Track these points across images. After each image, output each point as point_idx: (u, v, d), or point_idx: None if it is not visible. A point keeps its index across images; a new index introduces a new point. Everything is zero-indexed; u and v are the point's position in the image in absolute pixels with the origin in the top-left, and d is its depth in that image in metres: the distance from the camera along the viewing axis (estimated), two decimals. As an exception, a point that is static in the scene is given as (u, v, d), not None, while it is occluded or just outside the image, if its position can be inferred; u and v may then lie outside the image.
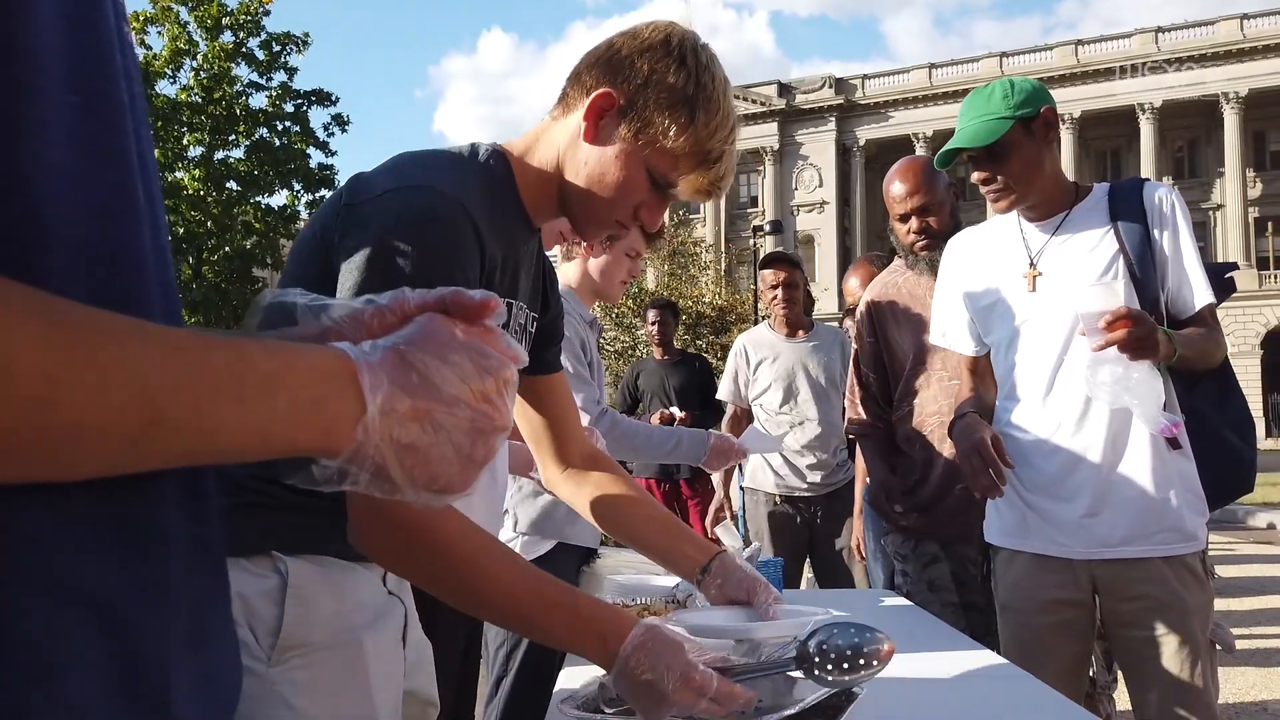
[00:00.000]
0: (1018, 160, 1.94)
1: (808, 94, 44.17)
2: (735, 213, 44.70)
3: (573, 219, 1.26)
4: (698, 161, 1.18)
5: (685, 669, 1.00)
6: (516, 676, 2.18)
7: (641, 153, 1.17)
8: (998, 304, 2.06)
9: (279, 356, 0.54)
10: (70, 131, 0.49)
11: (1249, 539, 10.35)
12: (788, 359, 3.84)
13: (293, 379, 0.53)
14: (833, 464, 3.80)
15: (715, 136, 1.17)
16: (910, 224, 2.58)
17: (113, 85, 0.54)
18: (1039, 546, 1.98)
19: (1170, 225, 1.94)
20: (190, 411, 0.48)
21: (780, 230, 20.92)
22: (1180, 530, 1.89)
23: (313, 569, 1.10)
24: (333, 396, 0.55)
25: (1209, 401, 1.96)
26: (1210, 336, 1.91)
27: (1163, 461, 1.89)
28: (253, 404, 0.51)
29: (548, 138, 1.24)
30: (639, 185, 1.19)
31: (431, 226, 1.07)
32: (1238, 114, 37.55)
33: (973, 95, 2.03)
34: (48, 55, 0.48)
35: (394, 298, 0.65)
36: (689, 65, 1.16)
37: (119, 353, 0.45)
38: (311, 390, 0.54)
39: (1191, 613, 1.87)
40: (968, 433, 1.95)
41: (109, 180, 0.53)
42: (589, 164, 1.19)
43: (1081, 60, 40.28)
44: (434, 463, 0.59)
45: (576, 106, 1.20)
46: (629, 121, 1.16)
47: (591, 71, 1.19)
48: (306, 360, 0.55)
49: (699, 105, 1.15)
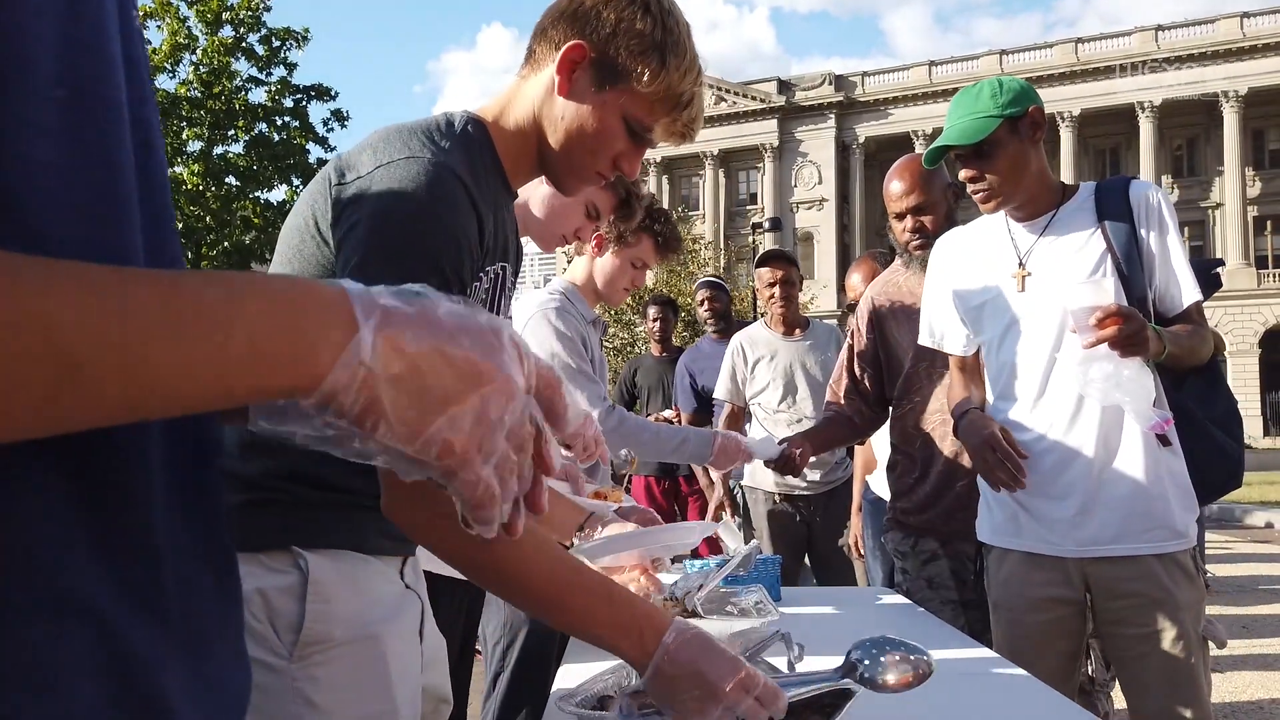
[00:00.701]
0: (1004, 159, 1.95)
1: (807, 91, 44.13)
2: (734, 210, 44.68)
3: (552, 174, 1.28)
4: (671, 105, 1.20)
5: (734, 663, 0.97)
6: (514, 671, 2.19)
7: (617, 101, 1.18)
8: (988, 304, 2.07)
9: (235, 286, 0.47)
10: (56, 126, 0.47)
11: (1247, 538, 10.37)
12: (785, 357, 3.84)
13: (252, 308, 0.46)
14: (830, 462, 3.80)
15: (686, 79, 1.19)
16: (906, 222, 2.58)
17: (104, 80, 0.51)
18: (1031, 545, 1.99)
19: (1156, 223, 1.95)
20: (112, 356, 0.41)
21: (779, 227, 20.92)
22: (1171, 528, 1.90)
23: (332, 564, 1.09)
24: (310, 325, 0.48)
25: (1196, 398, 1.98)
26: (1198, 333, 1.92)
27: (1154, 459, 1.90)
28: (193, 341, 0.44)
29: (521, 97, 1.24)
30: (617, 134, 1.21)
31: (428, 197, 1.07)
32: (1237, 112, 37.54)
33: (961, 94, 2.04)
34: (35, 45, 0.45)
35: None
36: (654, 11, 1.18)
37: (22, 298, 0.39)
38: (278, 320, 0.47)
39: (1183, 609, 1.88)
40: (976, 429, 1.96)
41: (96, 178, 0.49)
42: (565, 117, 1.20)
43: (1081, 58, 40.24)
44: (437, 402, 0.51)
45: (546, 62, 1.21)
46: (602, 71, 1.18)
47: (558, 26, 1.20)
48: (274, 288, 0.49)
49: (668, 50, 1.17)
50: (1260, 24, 37.82)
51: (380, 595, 1.15)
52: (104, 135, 0.50)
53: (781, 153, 43.87)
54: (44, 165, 0.46)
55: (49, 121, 0.46)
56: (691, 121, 1.24)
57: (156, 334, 0.43)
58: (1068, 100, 39.80)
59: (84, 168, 0.48)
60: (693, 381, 4.55)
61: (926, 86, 41.98)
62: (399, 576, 1.20)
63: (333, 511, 1.09)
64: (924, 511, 2.51)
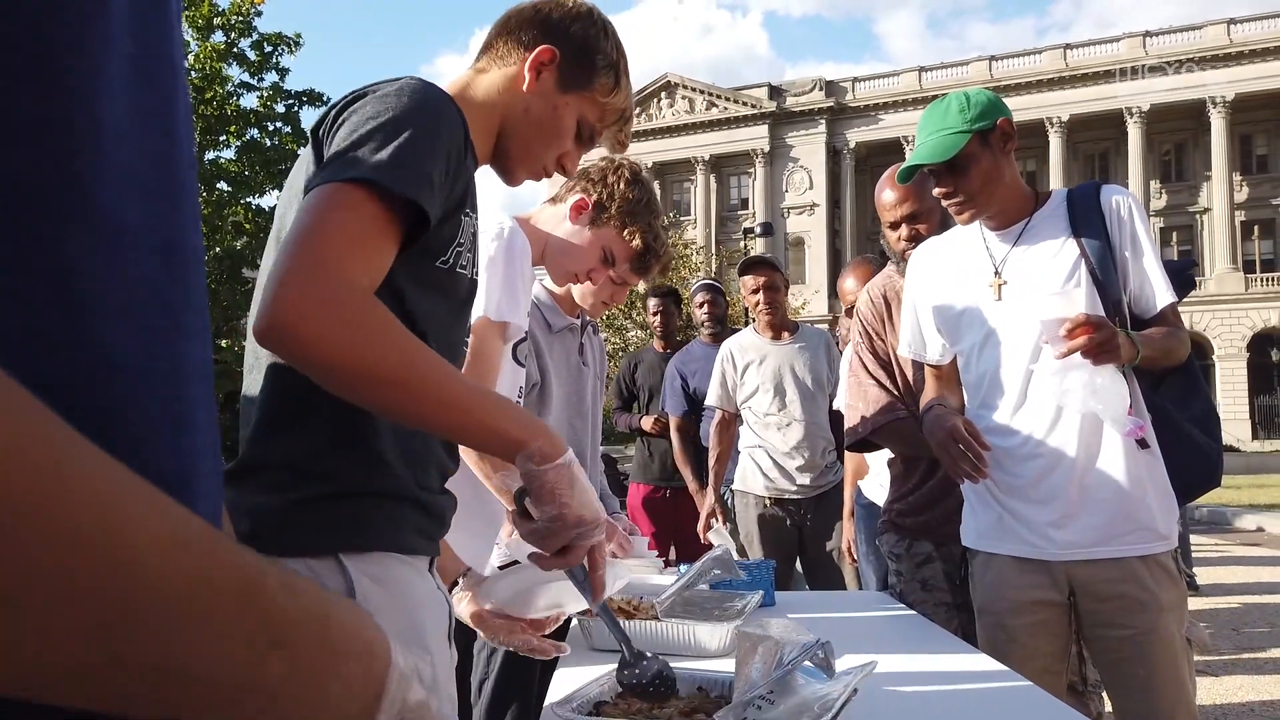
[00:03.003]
0: (976, 173, 1.97)
1: (798, 96, 44.25)
2: (725, 215, 44.77)
3: (506, 162, 1.34)
4: (617, 117, 1.39)
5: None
6: (499, 676, 2.19)
7: (577, 104, 1.33)
8: (965, 313, 2.09)
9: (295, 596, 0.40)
10: (124, 87, 0.42)
11: (1237, 541, 10.41)
12: (775, 361, 3.85)
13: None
14: (821, 465, 3.81)
15: (629, 98, 1.39)
16: (900, 231, 2.59)
17: (167, 36, 0.46)
18: (1016, 549, 2.00)
19: (1128, 227, 1.97)
20: (157, 653, 0.33)
21: (770, 232, 20.94)
22: (1153, 529, 1.92)
23: (375, 569, 1.08)
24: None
25: (1174, 399, 2.01)
26: (1173, 335, 1.94)
27: (1135, 463, 1.92)
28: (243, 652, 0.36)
29: (483, 85, 1.32)
30: (570, 134, 1.34)
31: (438, 110, 1.09)
32: (1225, 118, 37.78)
33: (929, 110, 2.05)
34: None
35: None
36: (611, 36, 1.37)
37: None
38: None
39: (1166, 610, 1.90)
40: (939, 423, 1.98)
41: (157, 150, 0.45)
42: (530, 111, 1.31)
43: (1070, 64, 40.46)
44: None
45: (510, 58, 1.32)
46: (567, 76, 1.31)
47: (527, 29, 1.32)
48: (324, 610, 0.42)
49: (621, 71, 1.37)
50: (1248, 30, 38.08)
51: (421, 600, 1.14)
52: (166, 101, 0.46)
53: (773, 158, 43.98)
54: (115, 134, 0.42)
55: (121, 80, 0.42)
56: (629, 135, 1.43)
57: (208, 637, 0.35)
58: (1057, 106, 40.01)
59: (146, 136, 0.44)
60: (684, 383, 4.49)
61: (917, 92, 42.15)
62: (431, 578, 1.19)
63: (377, 504, 1.08)
64: (920, 514, 2.52)
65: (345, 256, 0.94)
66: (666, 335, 5.09)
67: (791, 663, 1.12)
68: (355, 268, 0.95)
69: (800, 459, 3.79)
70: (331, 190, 0.98)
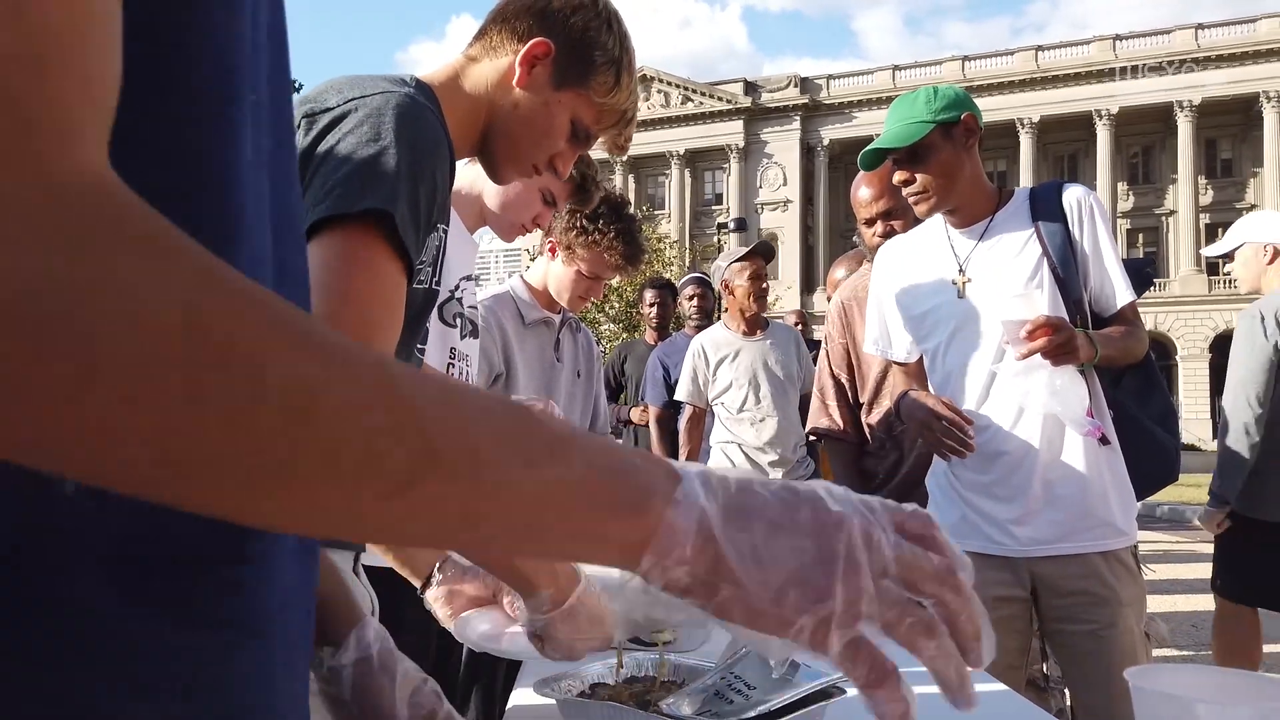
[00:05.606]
0: (936, 163, 2.00)
1: (773, 93, 44.37)
2: (699, 209, 44.80)
3: (492, 159, 1.27)
4: (615, 119, 1.26)
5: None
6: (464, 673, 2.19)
7: (571, 102, 1.22)
8: (930, 311, 2.11)
9: (569, 428, 0.44)
10: (260, 133, 0.44)
11: (1196, 538, 10.59)
12: (748, 356, 3.85)
13: (588, 443, 0.44)
14: (793, 460, 3.83)
15: (631, 98, 1.26)
16: (876, 228, 2.61)
17: (284, 69, 0.47)
18: (979, 545, 2.02)
19: (1089, 226, 2.00)
20: (468, 459, 0.38)
21: (744, 228, 21.00)
22: (1113, 525, 1.96)
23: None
24: (642, 476, 0.44)
25: (1134, 395, 2.04)
26: (1132, 333, 1.97)
27: (1096, 459, 1.95)
28: (541, 467, 0.41)
29: (473, 75, 1.24)
30: (562, 132, 1.24)
31: (419, 123, 1.04)
32: (1191, 122, 38.36)
33: (898, 101, 2.09)
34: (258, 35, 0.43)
35: None
36: (615, 30, 1.23)
37: (382, 376, 0.37)
38: (614, 459, 0.44)
39: (1126, 605, 1.93)
40: (918, 404, 2.00)
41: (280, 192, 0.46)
42: (520, 107, 1.22)
43: (1042, 65, 40.88)
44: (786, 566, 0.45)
45: (503, 49, 1.22)
46: (562, 72, 1.21)
47: (523, 18, 1.21)
48: (599, 440, 0.46)
49: (624, 68, 1.23)
50: (1215, 36, 38.68)
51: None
52: (285, 140, 0.48)
53: (747, 154, 44.08)
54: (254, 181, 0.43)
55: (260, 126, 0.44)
56: (629, 138, 1.31)
57: (511, 451, 0.40)
58: (1028, 107, 40.42)
59: (274, 178, 0.46)
60: (666, 374, 4.44)
61: (891, 90, 42.33)
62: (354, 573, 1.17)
63: None
64: None
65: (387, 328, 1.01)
66: (661, 327, 5.00)
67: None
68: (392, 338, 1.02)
69: (774, 454, 3.80)
70: (352, 245, 0.97)
